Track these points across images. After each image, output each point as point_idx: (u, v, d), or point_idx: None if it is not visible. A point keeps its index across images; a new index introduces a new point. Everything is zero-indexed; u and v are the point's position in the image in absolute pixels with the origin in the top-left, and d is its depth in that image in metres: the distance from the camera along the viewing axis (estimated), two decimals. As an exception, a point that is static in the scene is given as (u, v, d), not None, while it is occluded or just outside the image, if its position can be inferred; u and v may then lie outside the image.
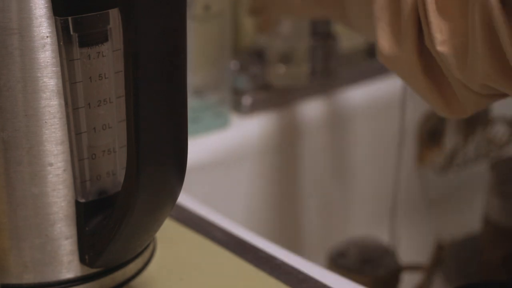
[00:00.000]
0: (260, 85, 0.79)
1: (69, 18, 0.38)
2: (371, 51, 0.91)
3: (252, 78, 0.79)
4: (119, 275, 0.44)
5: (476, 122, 0.92)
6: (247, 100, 0.77)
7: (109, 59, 0.40)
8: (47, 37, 0.38)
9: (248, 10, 0.76)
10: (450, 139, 0.90)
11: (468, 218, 0.91)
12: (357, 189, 0.87)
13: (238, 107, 0.78)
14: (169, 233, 0.52)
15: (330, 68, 0.83)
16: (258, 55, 0.80)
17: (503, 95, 0.47)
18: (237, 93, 0.78)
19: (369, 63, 0.89)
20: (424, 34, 0.46)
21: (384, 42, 0.49)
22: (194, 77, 0.73)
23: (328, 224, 0.85)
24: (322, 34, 0.82)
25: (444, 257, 0.87)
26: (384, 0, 0.49)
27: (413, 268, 0.81)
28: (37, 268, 0.42)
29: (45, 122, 0.40)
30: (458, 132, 0.91)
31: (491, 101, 0.48)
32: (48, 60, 0.39)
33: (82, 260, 0.42)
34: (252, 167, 0.77)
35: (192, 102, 0.72)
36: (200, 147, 0.72)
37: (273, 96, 0.79)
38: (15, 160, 0.40)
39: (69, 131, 0.40)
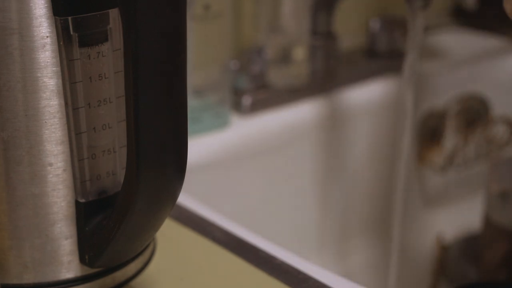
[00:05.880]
0: (260, 85, 0.79)
1: (69, 18, 0.38)
2: (371, 51, 0.91)
3: (252, 78, 0.79)
4: (119, 275, 0.44)
5: (476, 122, 0.92)
6: (247, 100, 0.77)
7: (109, 59, 0.40)
8: (47, 37, 0.38)
9: None
10: (450, 139, 0.90)
11: (468, 218, 0.91)
12: (357, 189, 0.87)
13: (238, 107, 0.78)
14: (169, 233, 0.52)
15: (330, 68, 0.83)
16: (258, 55, 0.80)
17: None
18: (237, 93, 0.78)
19: (369, 63, 0.89)
20: None
21: None
22: (194, 77, 0.73)
23: (327, 224, 0.85)
24: (322, 34, 0.82)
25: (445, 257, 0.87)
26: None
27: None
28: (37, 268, 0.42)
29: (45, 122, 0.40)
30: (458, 132, 0.91)
31: None
32: (48, 60, 0.39)
33: (82, 260, 0.42)
34: (252, 167, 0.77)
35: (192, 102, 0.72)
36: (200, 147, 0.72)
37: (273, 96, 0.79)
38: (15, 160, 0.40)
39: (69, 131, 0.40)
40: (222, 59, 0.74)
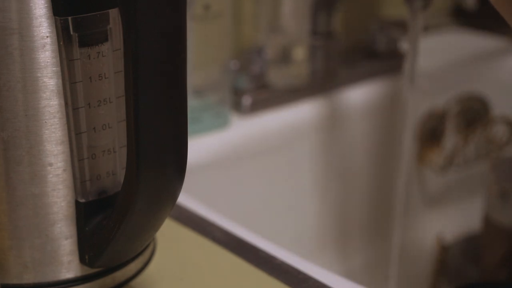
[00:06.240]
0: (260, 85, 0.79)
1: (69, 18, 0.38)
2: (371, 51, 0.91)
3: (252, 78, 0.79)
4: (119, 275, 0.44)
5: (476, 122, 0.92)
6: (247, 100, 0.77)
7: (109, 59, 0.40)
8: (47, 37, 0.38)
9: None
10: (450, 139, 0.91)
11: (468, 218, 0.91)
12: (357, 189, 0.87)
13: (238, 107, 0.78)
14: (169, 233, 0.52)
15: (330, 68, 0.83)
16: (258, 55, 0.80)
17: None
18: (237, 93, 0.78)
19: (369, 63, 0.89)
20: None
21: None
22: (194, 77, 0.73)
23: (327, 224, 0.85)
24: (322, 34, 0.82)
25: (445, 257, 0.87)
26: None
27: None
28: (37, 268, 0.42)
29: (45, 122, 0.40)
30: (458, 132, 0.91)
31: None
32: (48, 60, 0.39)
33: (82, 260, 0.42)
34: (252, 167, 0.77)
35: (192, 102, 0.72)
36: (200, 147, 0.72)
37: (273, 96, 0.79)
38: (15, 160, 0.40)
39: (69, 131, 0.40)
40: (222, 59, 0.74)
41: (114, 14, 0.40)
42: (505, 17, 0.43)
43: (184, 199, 0.58)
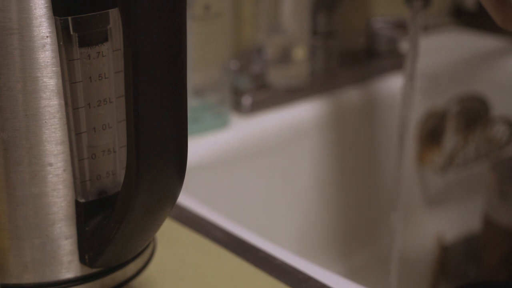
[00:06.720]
0: (260, 85, 0.79)
1: (69, 18, 0.38)
2: (371, 51, 0.91)
3: (252, 78, 0.79)
4: (119, 275, 0.44)
5: (476, 122, 0.92)
6: (247, 100, 0.77)
7: (109, 59, 0.40)
8: (47, 37, 0.38)
9: None
10: (450, 139, 0.91)
11: (468, 218, 0.91)
12: (357, 189, 0.87)
13: (238, 107, 0.78)
14: (169, 233, 0.52)
15: (330, 68, 0.83)
16: (258, 55, 0.80)
17: None
18: (237, 93, 0.78)
19: (369, 63, 0.89)
20: None
21: None
22: (194, 77, 0.73)
23: (327, 224, 0.85)
24: (322, 34, 0.82)
25: (445, 257, 0.87)
26: None
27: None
28: (37, 268, 0.42)
29: (45, 122, 0.40)
30: (458, 132, 0.91)
31: None
32: (48, 60, 0.39)
33: (82, 260, 0.42)
34: (252, 167, 0.77)
35: (192, 102, 0.72)
36: (200, 147, 0.72)
37: (273, 96, 0.79)
38: (15, 160, 0.40)
39: (69, 131, 0.40)
40: (222, 59, 0.74)
41: (114, 14, 0.40)
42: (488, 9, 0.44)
43: (184, 199, 0.58)
